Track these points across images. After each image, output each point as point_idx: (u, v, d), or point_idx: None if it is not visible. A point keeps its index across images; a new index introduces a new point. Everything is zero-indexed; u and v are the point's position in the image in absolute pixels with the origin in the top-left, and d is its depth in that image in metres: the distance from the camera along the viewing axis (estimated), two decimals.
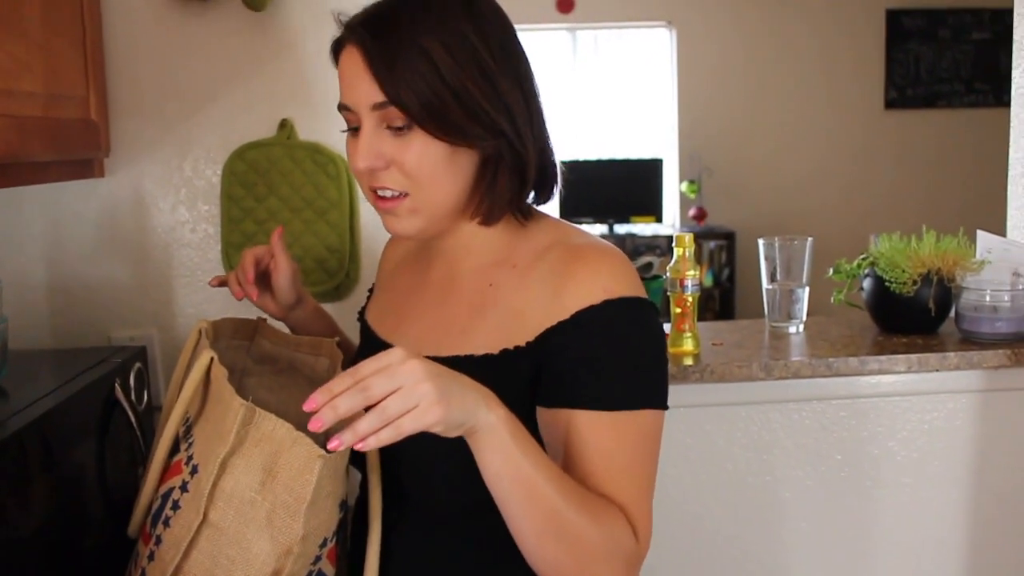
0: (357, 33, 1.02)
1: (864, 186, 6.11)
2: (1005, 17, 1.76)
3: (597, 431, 0.99)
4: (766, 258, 1.88)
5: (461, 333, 1.09)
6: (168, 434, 1.09)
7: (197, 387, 1.09)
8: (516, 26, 1.10)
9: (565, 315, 1.01)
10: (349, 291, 1.69)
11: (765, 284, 1.89)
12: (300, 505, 0.99)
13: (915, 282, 1.78)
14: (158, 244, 1.67)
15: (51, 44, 1.37)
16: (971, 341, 1.78)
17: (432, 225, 1.08)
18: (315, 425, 0.84)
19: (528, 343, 1.02)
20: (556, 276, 1.04)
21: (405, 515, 1.10)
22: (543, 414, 1.03)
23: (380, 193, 1.05)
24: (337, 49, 1.06)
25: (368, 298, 1.33)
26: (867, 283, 1.86)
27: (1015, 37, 1.93)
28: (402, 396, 0.85)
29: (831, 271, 1.92)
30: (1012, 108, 1.95)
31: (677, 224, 6.18)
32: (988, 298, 1.77)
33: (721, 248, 5.87)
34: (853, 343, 1.79)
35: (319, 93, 1.65)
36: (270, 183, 1.62)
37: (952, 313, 1.83)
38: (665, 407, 1.03)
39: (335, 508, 1.05)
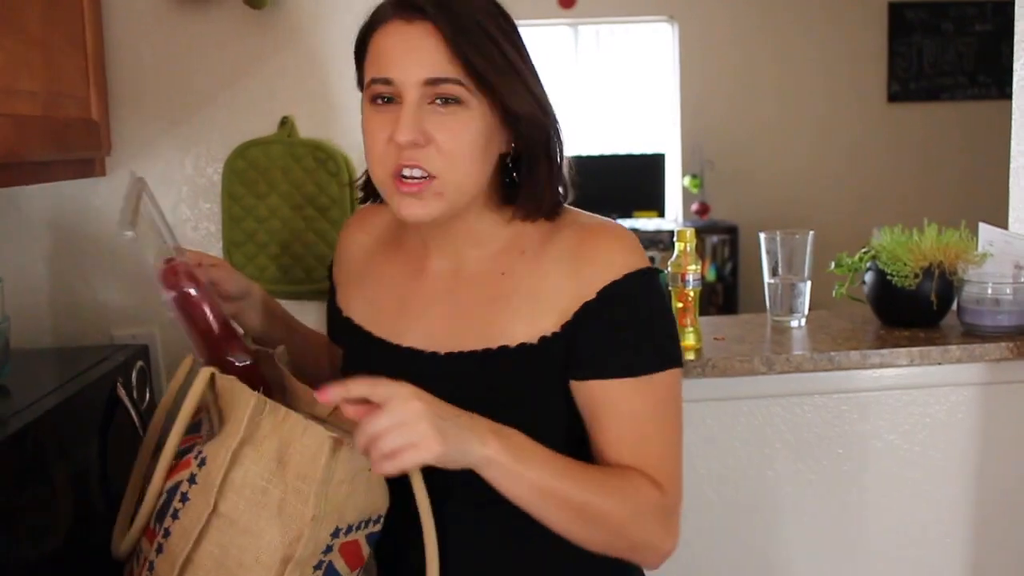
0: (426, 8, 1.03)
1: (867, 179, 6.10)
2: (1007, 9, 1.76)
3: (628, 397, 1.06)
4: (767, 252, 1.88)
5: (484, 325, 1.10)
6: (163, 464, 1.08)
7: (196, 402, 1.08)
8: (517, 22, 1.13)
9: (591, 294, 1.07)
10: None
11: (767, 278, 1.89)
12: (310, 487, 1.00)
13: (917, 275, 1.78)
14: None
15: (51, 43, 1.37)
16: (973, 334, 1.78)
17: (451, 211, 1.08)
18: (323, 396, 0.95)
19: (562, 327, 1.07)
20: (573, 258, 1.09)
21: (454, 496, 1.10)
22: (574, 386, 1.09)
23: (406, 174, 1.05)
24: (376, 25, 1.07)
25: (333, 293, 1.30)
26: (869, 277, 1.86)
27: (1016, 29, 1.93)
28: (402, 433, 0.93)
29: (832, 265, 1.92)
30: (1013, 100, 1.95)
31: (680, 219, 6.18)
32: (990, 291, 1.77)
33: (724, 242, 5.86)
34: (855, 337, 1.79)
35: (320, 90, 1.65)
36: (271, 181, 1.62)
37: (954, 306, 1.83)
38: (681, 364, 1.11)
39: (350, 500, 1.05)
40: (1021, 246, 1.82)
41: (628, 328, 1.07)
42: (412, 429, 0.93)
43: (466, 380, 1.10)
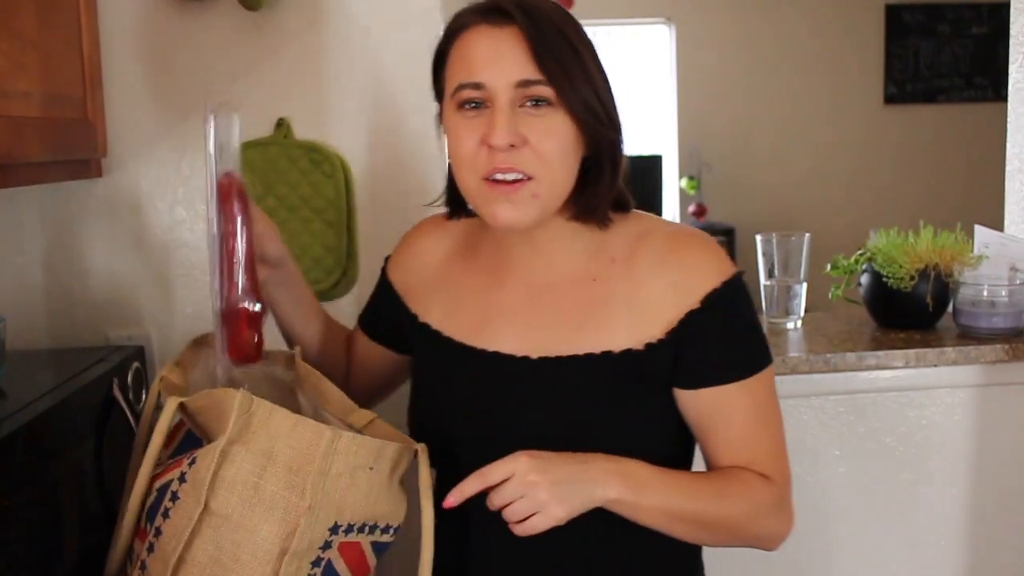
0: (513, 13, 1.05)
1: (864, 182, 6.11)
2: (1004, 11, 1.77)
3: (740, 400, 1.11)
4: (763, 254, 1.88)
5: (577, 330, 1.12)
6: (138, 491, 1.08)
7: (164, 437, 1.09)
8: None
9: (695, 303, 1.10)
10: (347, 289, 1.69)
11: (763, 280, 1.89)
12: (305, 479, 1.01)
13: (912, 277, 1.78)
14: (156, 244, 1.67)
15: (47, 44, 1.37)
16: (969, 336, 1.78)
17: (543, 214, 1.09)
18: (448, 504, 1.03)
19: (668, 333, 1.10)
20: (670, 266, 1.12)
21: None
22: (684, 396, 1.12)
23: (501, 177, 1.05)
24: (459, 31, 1.09)
25: (394, 297, 1.29)
26: (865, 279, 1.86)
27: (1012, 32, 1.93)
28: (524, 504, 1.00)
29: (828, 267, 1.92)
30: (1009, 103, 1.95)
31: (677, 220, 6.18)
32: (985, 293, 1.78)
33: (721, 244, 5.82)
34: (851, 339, 1.79)
35: (315, 92, 1.65)
36: (267, 182, 1.62)
37: (950, 308, 1.83)
38: (772, 359, 1.15)
39: (349, 496, 1.04)
40: (1016, 248, 1.82)
41: (734, 333, 1.11)
42: (534, 500, 0.99)
43: (562, 384, 1.11)
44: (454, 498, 1.02)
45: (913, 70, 6.13)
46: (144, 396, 1.44)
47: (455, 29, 1.10)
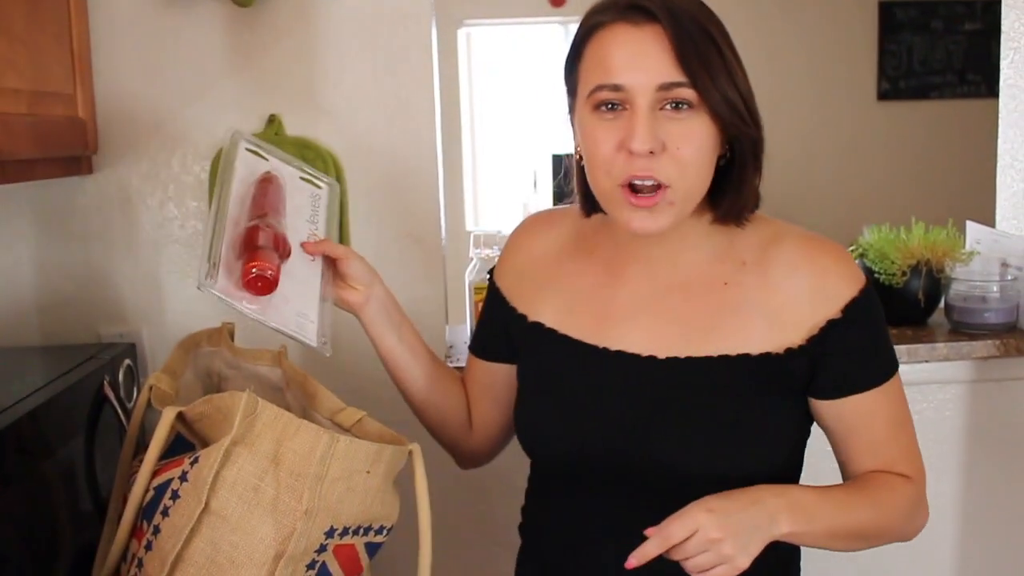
0: (656, 12, 1.02)
1: (857, 178, 6.11)
2: (996, 8, 1.76)
3: (881, 405, 1.12)
4: None
5: (710, 333, 1.10)
6: (136, 494, 1.08)
7: (161, 448, 1.08)
8: (508, 20, 1.12)
9: (836, 311, 1.09)
10: None
11: None
12: (304, 483, 1.01)
13: (904, 273, 1.78)
14: (147, 241, 1.66)
15: (36, 41, 1.36)
16: (960, 332, 1.78)
17: (679, 219, 1.07)
18: (630, 563, 1.00)
19: (808, 340, 1.09)
20: (805, 272, 1.10)
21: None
22: (825, 405, 1.12)
23: (638, 184, 1.03)
24: (596, 29, 1.06)
25: (507, 306, 1.24)
26: None
27: (1003, 27, 1.93)
28: (711, 557, 0.99)
29: None
30: (1000, 99, 1.95)
31: None
32: (977, 289, 1.78)
33: None
34: None
35: (306, 88, 1.65)
36: None
37: (941, 304, 1.84)
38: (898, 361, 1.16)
39: (345, 500, 1.05)
40: (1008, 244, 1.83)
41: (871, 342, 1.11)
42: (719, 555, 0.98)
43: (695, 384, 1.10)
44: (636, 560, 1.00)
45: (906, 66, 6.13)
46: (135, 394, 1.44)
47: (593, 26, 1.07)
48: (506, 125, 5.70)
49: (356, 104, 1.66)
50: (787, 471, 1.14)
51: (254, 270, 1.07)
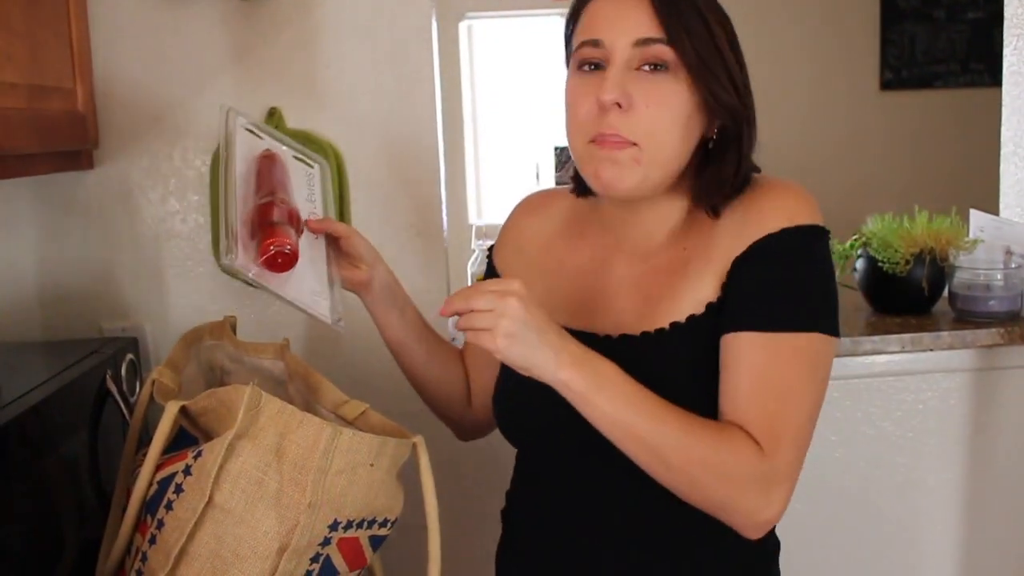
0: None
1: (860, 167, 6.09)
2: None
3: (753, 351, 1.02)
4: None
5: (659, 303, 1.09)
6: (139, 491, 1.08)
7: (164, 443, 1.08)
8: (509, 12, 1.13)
9: (743, 247, 1.05)
10: None
11: None
12: (307, 476, 1.00)
13: (908, 262, 1.78)
14: (148, 235, 1.66)
15: (35, 35, 1.36)
16: (964, 320, 1.78)
17: (646, 183, 1.05)
18: (443, 310, 0.99)
19: (721, 286, 1.06)
20: (739, 216, 1.07)
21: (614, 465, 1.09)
22: (721, 343, 1.05)
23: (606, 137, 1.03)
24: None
25: (496, 277, 1.23)
26: (860, 263, 1.86)
27: (1006, 15, 1.92)
28: (485, 317, 0.96)
29: None
30: (1004, 87, 1.94)
31: None
32: (981, 277, 1.77)
33: None
34: (846, 324, 1.78)
35: (307, 81, 1.65)
36: None
37: (945, 292, 1.83)
38: (834, 334, 1.05)
39: (348, 493, 1.04)
40: (1012, 232, 1.82)
41: (772, 283, 1.04)
42: (494, 318, 0.96)
43: (642, 360, 1.06)
44: (445, 310, 0.99)
45: (909, 56, 6.11)
46: (138, 388, 1.43)
47: None
48: (509, 118, 5.70)
49: (357, 96, 1.65)
50: None
51: (273, 247, 1.07)
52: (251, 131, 1.29)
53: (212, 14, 1.62)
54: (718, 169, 1.09)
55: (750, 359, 1.02)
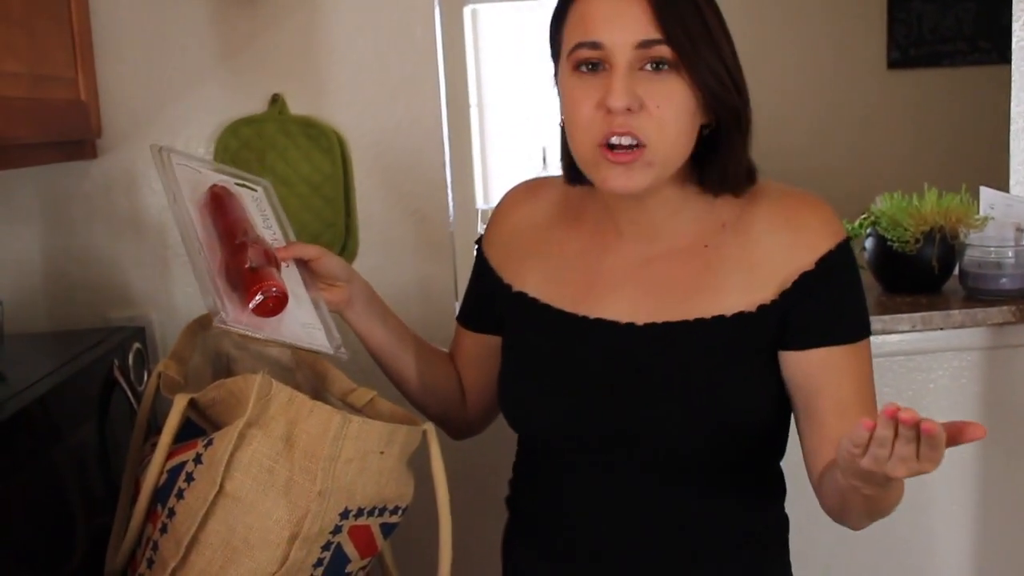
0: None
1: (868, 147, 6.06)
2: None
3: (851, 363, 1.09)
4: None
5: (690, 297, 1.10)
6: (149, 481, 1.08)
7: (173, 435, 1.07)
8: None
9: (809, 264, 1.08)
10: None
11: None
12: (317, 464, 1.00)
13: (918, 240, 1.76)
14: (153, 224, 1.66)
15: (36, 25, 1.35)
16: (975, 298, 1.77)
17: (656, 182, 1.06)
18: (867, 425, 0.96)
19: (780, 295, 1.08)
20: (782, 227, 1.10)
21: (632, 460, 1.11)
22: (794, 359, 1.09)
23: (616, 142, 1.02)
24: None
25: (487, 271, 1.25)
26: (869, 243, 1.85)
27: None
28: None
29: None
30: (1013, 62, 1.93)
31: None
32: (992, 254, 1.76)
33: None
34: None
35: (310, 67, 1.64)
36: (264, 160, 1.61)
37: (956, 271, 1.82)
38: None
39: (359, 481, 1.04)
40: (1022, 209, 1.81)
41: (846, 295, 1.10)
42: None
43: (669, 350, 1.09)
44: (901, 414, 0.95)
45: (916, 34, 6.06)
46: (146, 377, 1.43)
47: None
48: (514, 102, 5.68)
49: (360, 82, 1.64)
50: (770, 429, 1.13)
51: (261, 293, 1.05)
52: (186, 166, 1.24)
53: (215, 1, 1.61)
54: (726, 155, 1.09)
55: (848, 372, 1.09)
